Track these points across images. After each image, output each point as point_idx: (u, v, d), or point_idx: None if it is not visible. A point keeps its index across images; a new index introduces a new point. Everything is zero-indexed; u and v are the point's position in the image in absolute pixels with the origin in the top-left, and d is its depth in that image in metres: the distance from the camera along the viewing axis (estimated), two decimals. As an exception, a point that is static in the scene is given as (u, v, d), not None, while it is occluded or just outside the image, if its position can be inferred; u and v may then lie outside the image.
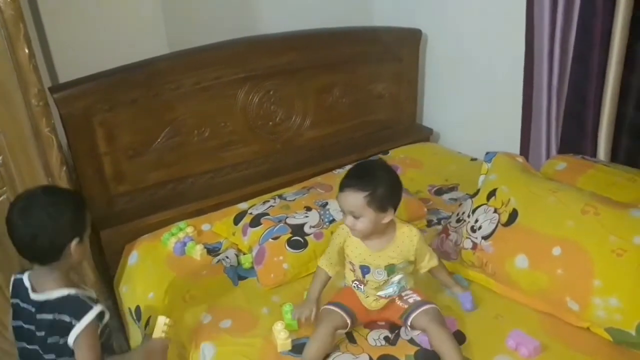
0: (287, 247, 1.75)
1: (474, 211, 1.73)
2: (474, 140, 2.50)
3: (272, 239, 1.78)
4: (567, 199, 1.57)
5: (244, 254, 1.86)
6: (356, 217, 1.39)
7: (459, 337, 1.45)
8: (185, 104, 2.06)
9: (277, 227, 1.81)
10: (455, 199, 2.14)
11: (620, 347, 1.40)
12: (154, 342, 1.39)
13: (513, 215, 1.62)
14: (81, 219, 1.28)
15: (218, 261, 1.83)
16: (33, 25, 1.82)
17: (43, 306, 1.24)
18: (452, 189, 2.24)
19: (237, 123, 2.21)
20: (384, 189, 1.38)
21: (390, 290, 1.48)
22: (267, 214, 1.88)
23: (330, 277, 1.55)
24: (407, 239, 1.46)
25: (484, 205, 1.71)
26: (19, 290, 1.29)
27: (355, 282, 1.50)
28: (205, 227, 2.02)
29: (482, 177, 1.84)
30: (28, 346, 1.28)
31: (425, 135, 2.70)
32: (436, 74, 2.66)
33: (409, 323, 1.45)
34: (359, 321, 1.49)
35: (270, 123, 2.30)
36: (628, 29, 1.74)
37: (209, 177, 2.21)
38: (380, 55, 2.51)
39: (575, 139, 1.97)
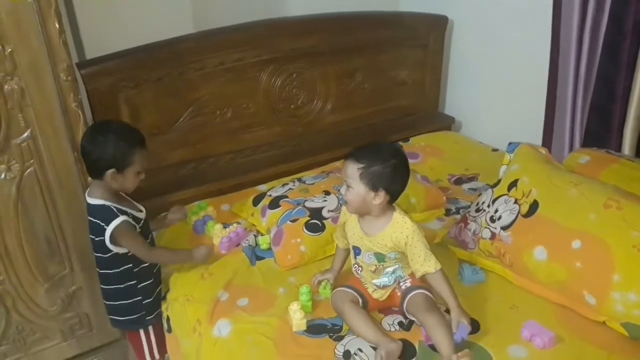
0: (305, 230, 1.77)
1: (494, 201, 1.72)
2: (496, 131, 2.48)
3: (290, 221, 1.80)
4: (590, 193, 1.55)
5: (262, 234, 1.88)
6: (348, 188, 1.42)
7: (473, 326, 1.45)
8: (209, 84, 2.08)
9: (296, 209, 1.83)
10: (475, 189, 2.13)
11: (636, 342, 1.40)
12: (200, 246, 1.71)
13: (534, 207, 1.60)
14: (123, 156, 1.52)
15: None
16: (63, 2, 1.84)
17: (88, 208, 1.57)
18: (472, 178, 2.22)
19: (259, 105, 2.22)
20: (380, 167, 1.38)
21: (384, 279, 1.49)
22: (286, 197, 1.90)
23: (344, 250, 1.60)
24: (398, 229, 1.43)
25: (505, 196, 1.70)
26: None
27: (355, 265, 1.54)
28: (224, 207, 2.05)
29: (503, 168, 1.82)
30: (92, 237, 1.61)
31: (447, 123, 2.68)
32: (461, 62, 2.63)
33: (406, 312, 1.47)
34: (369, 304, 1.51)
35: (292, 106, 2.31)
36: (661, 21, 1.70)
37: (229, 157, 2.23)
38: (404, 41, 2.50)
39: (600, 132, 1.94)
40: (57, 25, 1.49)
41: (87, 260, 1.81)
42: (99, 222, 1.55)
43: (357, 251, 1.50)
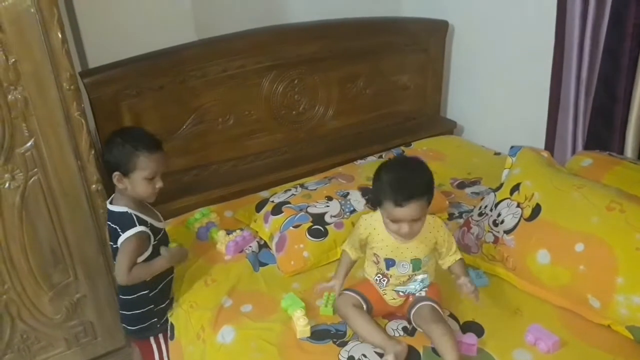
0: (308, 236, 1.77)
1: (496, 205, 1.72)
2: (498, 134, 2.48)
3: (293, 227, 1.80)
4: (592, 195, 1.55)
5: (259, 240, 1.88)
6: (416, 221, 1.38)
7: (478, 330, 1.45)
8: (211, 91, 2.09)
9: (298, 215, 1.83)
10: (478, 193, 2.13)
11: (641, 346, 1.39)
12: (174, 249, 1.67)
13: (536, 210, 1.60)
14: (129, 160, 1.53)
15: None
16: (65, 11, 1.85)
17: (110, 214, 1.59)
18: (475, 182, 2.22)
19: (261, 111, 2.23)
20: (433, 184, 1.41)
21: (411, 287, 1.49)
22: (289, 203, 1.90)
23: (354, 261, 1.57)
24: (433, 229, 1.46)
25: (507, 200, 1.70)
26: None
27: (379, 275, 1.50)
28: (227, 213, 2.05)
29: (506, 171, 1.82)
30: (111, 244, 1.62)
31: (449, 127, 2.68)
32: (462, 66, 2.63)
33: (412, 322, 1.47)
34: (374, 310, 1.50)
35: (294, 112, 2.32)
36: (661, 23, 1.70)
37: (232, 164, 2.24)
38: (406, 46, 2.50)
39: (603, 134, 1.93)
40: (60, 35, 1.50)
41: (91, 268, 1.82)
42: (116, 227, 1.55)
43: (391, 263, 1.46)
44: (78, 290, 1.83)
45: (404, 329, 1.48)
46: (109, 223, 1.58)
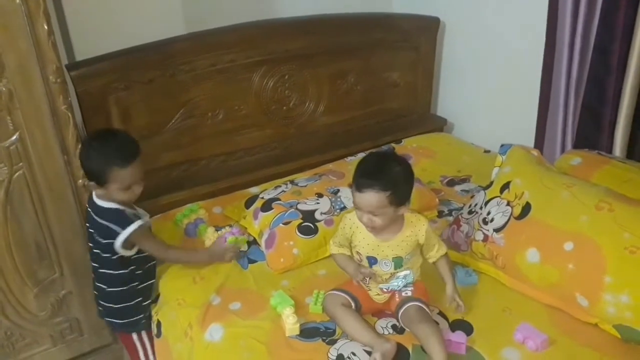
0: (298, 233, 1.76)
1: (486, 203, 1.72)
2: (488, 132, 2.48)
3: (283, 224, 1.79)
4: (581, 194, 1.56)
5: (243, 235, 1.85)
6: (375, 215, 1.37)
7: (467, 329, 1.46)
8: (201, 85, 2.06)
9: (288, 212, 1.82)
10: (467, 191, 2.13)
11: (628, 345, 1.40)
12: (217, 248, 1.73)
13: (526, 209, 1.61)
14: (102, 172, 1.49)
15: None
16: (52, 2, 1.82)
17: (98, 211, 1.56)
18: (465, 180, 2.22)
19: (251, 107, 2.21)
20: (403, 185, 1.38)
21: (394, 284, 1.48)
22: (279, 199, 1.89)
23: (350, 256, 1.53)
24: (415, 228, 1.45)
25: (497, 198, 1.70)
26: (89, 199, 1.61)
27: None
28: (216, 209, 2.03)
29: (496, 170, 1.83)
30: (89, 243, 1.62)
31: (439, 125, 2.68)
32: (453, 63, 2.63)
33: (400, 322, 1.46)
34: (363, 308, 1.50)
35: (284, 108, 2.30)
36: (651, 23, 1.71)
37: (221, 159, 2.22)
38: (397, 43, 2.49)
39: (592, 133, 1.94)
40: (46, 27, 1.47)
41: (77, 264, 1.79)
42: (110, 225, 1.54)
43: (373, 261, 1.46)
44: (64, 287, 1.81)
45: (394, 327, 1.48)
46: (100, 220, 1.55)
